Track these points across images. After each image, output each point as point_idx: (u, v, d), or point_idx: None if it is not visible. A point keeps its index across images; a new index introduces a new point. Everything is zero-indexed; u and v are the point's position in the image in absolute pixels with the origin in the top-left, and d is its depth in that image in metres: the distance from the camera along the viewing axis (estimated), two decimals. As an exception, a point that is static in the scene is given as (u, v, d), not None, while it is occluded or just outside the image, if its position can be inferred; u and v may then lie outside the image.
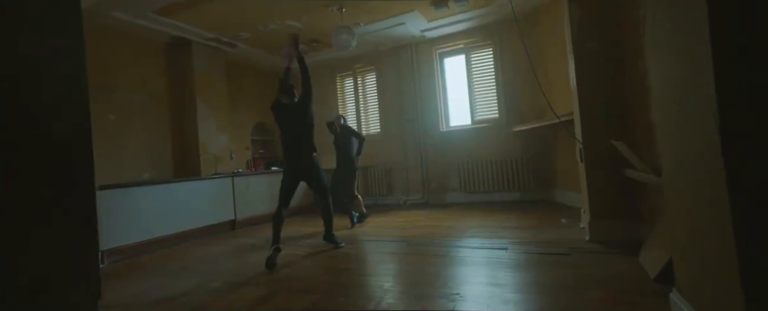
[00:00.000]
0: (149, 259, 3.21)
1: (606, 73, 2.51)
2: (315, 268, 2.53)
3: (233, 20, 4.22)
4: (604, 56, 2.52)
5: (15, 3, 0.92)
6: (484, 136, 5.13)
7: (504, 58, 5.02)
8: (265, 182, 5.04)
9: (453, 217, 4.09)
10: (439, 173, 5.42)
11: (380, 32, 4.94)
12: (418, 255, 2.66)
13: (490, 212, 4.20)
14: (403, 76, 5.63)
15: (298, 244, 3.34)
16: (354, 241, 3.28)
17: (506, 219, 3.67)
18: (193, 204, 4.01)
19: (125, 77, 4.09)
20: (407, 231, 3.51)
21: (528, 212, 3.96)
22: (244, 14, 4.09)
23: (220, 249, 3.42)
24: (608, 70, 2.51)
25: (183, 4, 3.57)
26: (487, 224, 3.51)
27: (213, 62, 4.91)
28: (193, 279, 2.47)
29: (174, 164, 4.57)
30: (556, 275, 1.99)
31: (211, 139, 4.80)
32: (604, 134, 2.51)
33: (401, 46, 5.57)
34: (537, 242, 2.72)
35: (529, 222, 3.45)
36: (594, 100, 2.55)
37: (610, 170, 2.48)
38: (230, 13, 4.00)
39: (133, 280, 2.64)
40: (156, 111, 4.41)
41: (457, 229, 3.43)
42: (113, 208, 3.23)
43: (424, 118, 5.53)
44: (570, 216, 3.47)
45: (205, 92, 4.76)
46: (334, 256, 2.82)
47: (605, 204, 2.52)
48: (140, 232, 3.46)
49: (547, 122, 3.58)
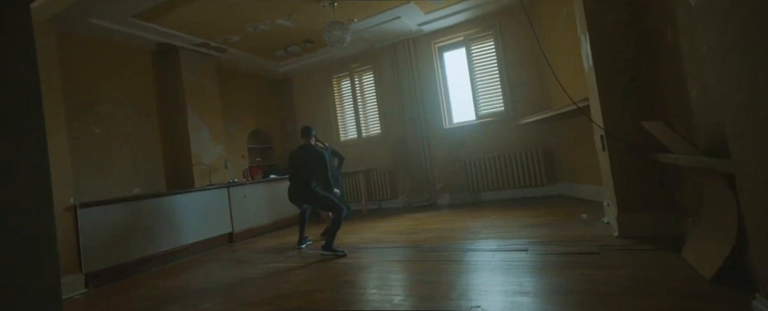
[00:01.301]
0: (138, 281, 2.98)
1: (627, 47, 2.26)
2: (316, 281, 2.28)
3: (220, 22, 4.03)
4: (623, 28, 2.27)
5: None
6: (490, 131, 4.88)
7: (506, 49, 4.79)
8: (263, 190, 4.81)
9: (463, 218, 3.83)
10: (444, 173, 5.17)
11: (375, 28, 4.73)
12: (430, 261, 2.40)
13: (502, 210, 3.94)
14: (401, 73, 5.41)
15: (297, 253, 3.09)
16: (357, 249, 3.03)
17: (521, 217, 3.41)
18: (187, 218, 3.78)
19: (110, 88, 3.89)
20: (415, 236, 3.26)
21: (543, 209, 3.69)
22: (230, 15, 3.89)
23: (215, 266, 3.18)
24: (629, 44, 2.26)
25: (164, 6, 3.37)
26: (500, 224, 3.24)
27: (203, 69, 4.71)
28: (179, 303, 2.23)
29: (166, 178, 4.36)
30: (590, 279, 1.73)
31: (204, 149, 4.58)
32: (628, 117, 2.25)
33: (398, 43, 5.36)
34: (559, 240, 2.45)
35: (546, 219, 3.18)
36: (615, 79, 2.30)
37: (639, 156, 2.22)
38: (215, 14, 3.80)
39: (114, 307, 2.40)
40: (145, 123, 4.21)
41: (469, 231, 3.17)
42: (97, 227, 3.01)
43: (426, 116, 5.29)
44: (590, 211, 3.20)
45: (195, 100, 4.55)
46: (335, 266, 2.57)
47: (635, 195, 2.25)
48: (129, 251, 3.23)
49: (558, 111, 3.32)
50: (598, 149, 2.69)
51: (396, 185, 5.49)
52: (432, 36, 5.24)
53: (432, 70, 5.29)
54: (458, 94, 5.38)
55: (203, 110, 4.64)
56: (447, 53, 5.39)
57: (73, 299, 2.67)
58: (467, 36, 5.05)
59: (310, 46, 5.18)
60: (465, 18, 4.87)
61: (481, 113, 5.03)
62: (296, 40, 4.90)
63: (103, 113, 3.79)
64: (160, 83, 4.41)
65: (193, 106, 4.51)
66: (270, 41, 4.78)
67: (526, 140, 4.64)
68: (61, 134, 2.84)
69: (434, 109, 5.26)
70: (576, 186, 4.09)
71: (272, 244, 3.80)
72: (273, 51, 5.19)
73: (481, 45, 5.03)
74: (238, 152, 5.35)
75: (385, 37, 5.13)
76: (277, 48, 5.10)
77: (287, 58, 5.67)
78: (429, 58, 5.30)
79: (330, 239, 2.95)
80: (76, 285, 2.80)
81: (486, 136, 4.90)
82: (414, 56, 5.35)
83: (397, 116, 5.45)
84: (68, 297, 2.69)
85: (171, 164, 4.41)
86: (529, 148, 4.56)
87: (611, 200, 2.48)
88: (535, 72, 4.60)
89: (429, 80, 5.29)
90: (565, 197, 4.22)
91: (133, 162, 4.04)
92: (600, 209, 3.06)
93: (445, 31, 5.14)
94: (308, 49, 5.36)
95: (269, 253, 3.38)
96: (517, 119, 4.64)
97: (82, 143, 3.59)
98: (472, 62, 5.07)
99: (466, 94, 5.20)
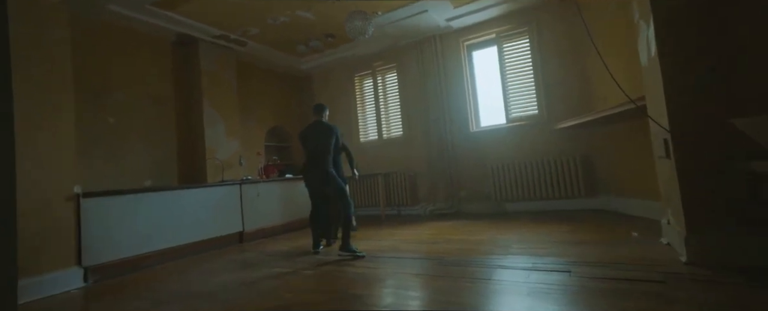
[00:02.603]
0: (139, 278, 2.81)
1: (700, 33, 1.87)
2: (322, 292, 2.00)
3: (239, 13, 3.89)
4: (696, 10, 1.88)
5: None
6: (521, 136, 4.48)
7: (543, 46, 4.40)
8: (277, 190, 4.61)
9: (489, 229, 3.45)
10: (469, 179, 4.80)
11: (401, 23, 4.47)
12: (452, 278, 2.07)
13: (534, 223, 3.53)
14: (427, 73, 5.11)
15: (310, 258, 2.83)
16: (373, 258, 2.73)
17: (557, 232, 3.00)
18: (196, 214, 3.62)
19: (126, 78, 3.83)
20: (437, 247, 2.93)
21: (582, 224, 3.26)
22: (250, 5, 3.74)
23: (220, 267, 2.97)
24: (702, 29, 1.86)
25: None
26: (534, 239, 2.85)
27: (222, 62, 4.61)
28: (171, 307, 2.01)
29: (179, 171, 4.25)
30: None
31: (219, 144, 4.46)
32: (703, 116, 1.85)
33: (424, 40, 5.08)
34: (609, 262, 2.06)
35: (588, 236, 2.76)
36: (686, 70, 1.90)
37: (718, 163, 1.81)
38: (235, 3, 3.67)
39: (109, 305, 2.22)
40: (160, 115, 4.13)
41: (497, 244, 2.80)
42: (101, 218, 2.87)
43: (452, 118, 4.96)
44: (641, 229, 2.76)
45: (213, 93, 4.44)
46: (346, 276, 2.28)
47: (712, 213, 1.84)
48: (133, 246, 3.08)
49: (605, 113, 2.91)
50: (658, 157, 2.28)
51: (417, 191, 5.17)
52: (461, 33, 4.92)
53: (460, 69, 4.96)
54: (487, 95, 5.02)
55: (220, 103, 4.53)
56: (476, 52, 5.05)
57: (68, 294, 2.53)
58: (499, 33, 4.70)
59: (332, 41, 4.98)
60: (498, 13, 4.53)
61: (512, 116, 4.64)
62: (317, 34, 4.73)
63: (118, 103, 3.72)
64: (178, 75, 4.34)
65: (210, 99, 4.40)
66: (290, 35, 4.63)
67: (561, 147, 4.21)
68: (68, 121, 2.73)
69: (461, 111, 4.92)
70: (621, 200, 3.62)
71: (283, 247, 3.57)
72: (294, 46, 5.04)
73: (515, 43, 4.66)
74: (253, 149, 5.22)
75: (411, 33, 4.86)
76: (297, 42, 4.94)
77: (308, 54, 5.51)
78: (457, 57, 4.98)
79: (346, 238, 2.79)
80: (74, 279, 2.66)
81: (517, 141, 4.50)
82: (441, 55, 5.05)
83: (420, 118, 5.15)
84: (63, 292, 2.55)
85: (185, 158, 4.30)
86: (565, 155, 4.12)
87: (676, 218, 2.06)
88: (574, 72, 4.19)
89: (456, 80, 4.97)
90: (607, 212, 3.75)
91: (147, 154, 3.95)
92: (654, 228, 2.62)
93: (475, 27, 4.81)
94: (330, 45, 5.18)
95: (278, 257, 3.14)
96: (552, 123, 4.23)
97: (95, 131, 3.52)
98: (504, 61, 4.70)
99: (496, 95, 4.84)
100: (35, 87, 2.56)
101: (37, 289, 2.43)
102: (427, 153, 5.07)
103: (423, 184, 5.12)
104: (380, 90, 5.65)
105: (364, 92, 5.85)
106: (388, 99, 5.61)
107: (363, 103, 5.84)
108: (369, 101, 5.77)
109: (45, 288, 2.47)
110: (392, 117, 5.55)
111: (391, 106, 5.57)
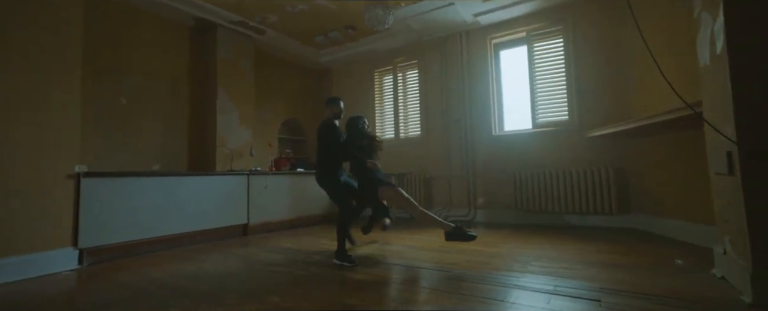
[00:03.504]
0: (134, 264, 2.71)
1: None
2: (312, 298, 1.80)
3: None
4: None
5: None
6: (548, 142, 4.13)
7: (578, 47, 4.04)
8: (287, 183, 4.48)
9: (507, 242, 3.15)
10: (489, 186, 4.49)
11: (424, 16, 4.23)
12: (461, 295, 1.82)
13: (558, 239, 3.20)
14: (450, 71, 4.84)
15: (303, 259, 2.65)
16: (376, 263, 2.51)
17: (584, 252, 2.67)
18: (200, 203, 3.53)
19: (142, 60, 3.78)
20: (448, 257, 2.67)
21: (614, 244, 2.91)
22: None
23: (214, 260, 2.83)
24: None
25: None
26: (557, 257, 2.54)
27: (239, 49, 4.52)
28: (157, 298, 1.86)
29: (189, 158, 4.18)
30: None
31: (231, 132, 4.36)
32: (783, 127, 1.52)
33: (449, 36, 4.81)
34: (648, 293, 1.74)
35: (621, 259, 2.43)
36: (763, 71, 1.57)
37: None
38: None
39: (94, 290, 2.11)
40: (174, 99, 4.07)
41: (515, 260, 2.51)
42: (101, 200, 2.80)
43: (474, 120, 4.67)
44: (687, 256, 2.40)
45: (228, 80, 4.36)
46: (345, 282, 2.07)
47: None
48: (133, 230, 3.00)
49: (648, 121, 2.55)
50: (715, 173, 1.93)
51: (431, 195, 4.90)
52: (488, 30, 4.62)
53: (485, 69, 4.66)
54: (513, 98, 4.70)
55: (235, 92, 4.44)
56: (504, 51, 4.74)
57: (60, 275, 2.45)
58: (531, 32, 4.37)
59: (352, 33, 4.80)
60: (530, 10, 4.20)
61: (539, 121, 4.30)
62: (337, 25, 4.56)
63: (132, 84, 3.67)
64: (195, 61, 4.27)
65: (225, 87, 4.32)
66: (310, 24, 4.49)
67: (592, 157, 3.84)
68: (74, 100, 2.67)
69: (483, 113, 4.62)
70: (659, 220, 3.23)
71: (286, 244, 3.41)
72: (313, 36, 4.90)
73: (547, 43, 4.32)
74: (266, 140, 5.11)
75: (435, 27, 4.61)
76: (317, 33, 4.80)
77: (328, 46, 5.36)
78: (483, 56, 4.68)
79: (338, 244, 2.58)
80: (68, 260, 2.59)
81: (543, 148, 4.16)
82: (466, 52, 4.76)
83: (440, 118, 4.88)
84: (55, 272, 2.47)
85: (195, 145, 4.23)
86: (596, 166, 3.75)
87: (737, 248, 1.72)
88: (610, 77, 3.81)
89: (481, 80, 4.67)
90: (643, 233, 3.35)
91: (157, 138, 3.89)
92: (704, 257, 2.27)
93: (504, 24, 4.50)
94: (350, 38, 5.00)
95: (278, 253, 2.98)
96: (583, 131, 3.87)
97: (107, 111, 3.48)
98: (534, 62, 4.37)
99: (523, 98, 4.50)
100: (42, 64, 2.51)
101: (29, 268, 2.36)
102: (445, 155, 4.80)
103: (439, 188, 4.85)
104: (400, 87, 5.42)
105: (384, 89, 5.64)
106: (407, 97, 5.38)
107: (381, 100, 5.63)
108: (388, 98, 5.55)
109: (37, 268, 2.40)
110: (411, 116, 5.32)
111: (410, 104, 5.33)
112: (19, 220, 2.35)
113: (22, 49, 2.42)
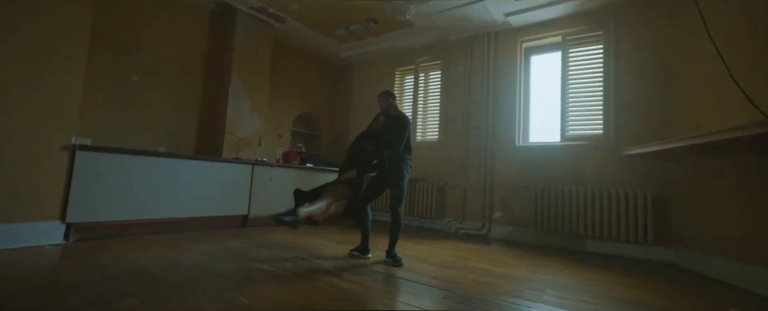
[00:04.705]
0: (121, 245, 2.58)
1: None
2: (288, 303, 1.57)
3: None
4: None
5: None
6: (578, 158, 3.75)
7: (620, 55, 3.65)
8: (293, 177, 4.31)
9: (521, 263, 2.81)
10: (507, 200, 4.13)
11: (451, 12, 3.97)
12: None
13: (581, 266, 2.82)
14: (474, 74, 4.55)
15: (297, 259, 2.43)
16: (370, 271, 2.25)
17: (611, 285, 2.30)
18: (201, 189, 3.41)
19: (158, 39, 3.73)
20: (451, 273, 2.38)
21: (647, 279, 2.51)
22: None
23: (200, 250, 2.67)
24: None
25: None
26: (577, 287, 2.19)
27: (258, 36, 4.43)
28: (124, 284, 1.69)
29: (197, 143, 4.10)
30: None
31: (241, 120, 4.25)
32: None
33: (476, 37, 4.53)
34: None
35: (657, 299, 2.05)
36: None
37: None
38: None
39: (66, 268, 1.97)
40: (186, 82, 4.00)
41: (527, 285, 2.19)
42: (95, 175, 2.71)
43: (496, 128, 4.34)
44: (745, 306, 1.98)
45: (242, 66, 4.26)
46: (324, 288, 1.83)
47: None
48: (125, 210, 2.90)
49: (706, 139, 2.15)
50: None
51: (444, 204, 4.60)
52: (520, 32, 4.30)
53: (513, 74, 4.33)
54: (541, 107, 4.34)
55: (249, 79, 4.33)
56: (535, 57, 4.40)
57: (43, 248, 2.35)
58: (567, 36, 4.01)
59: (374, 27, 4.61)
60: (569, 11, 3.86)
61: (569, 133, 3.91)
62: (359, 17, 4.39)
63: (145, 62, 3.62)
64: (212, 44, 4.20)
65: (239, 73, 4.22)
66: (331, 15, 4.34)
67: (628, 178, 3.42)
68: (77, 72, 2.59)
69: (508, 121, 4.28)
70: (707, 259, 2.75)
71: (284, 240, 3.22)
72: (334, 29, 4.75)
73: (585, 49, 3.95)
74: (277, 131, 4.99)
75: (462, 26, 4.34)
76: (338, 25, 4.64)
77: (349, 41, 5.20)
78: (511, 60, 4.36)
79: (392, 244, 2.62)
80: (54, 234, 2.49)
81: (571, 163, 3.77)
82: (493, 55, 4.46)
83: (460, 123, 4.59)
84: (38, 245, 2.38)
85: (204, 130, 4.14)
86: (632, 189, 3.34)
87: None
88: (656, 89, 3.40)
89: (507, 86, 4.34)
90: (686, 271, 2.89)
91: (167, 119, 3.83)
92: (763, 307, 1.86)
93: (538, 27, 4.17)
94: (372, 32, 4.81)
95: (271, 249, 2.78)
96: (619, 148, 3.46)
97: (117, 88, 3.44)
98: (568, 69, 4.00)
99: (553, 109, 4.13)
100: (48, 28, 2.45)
101: (11, 238, 2.28)
102: (462, 163, 4.49)
103: (453, 197, 4.53)
104: (421, 88, 5.17)
105: (404, 88, 5.40)
106: (428, 99, 5.12)
107: (401, 100, 5.39)
108: (407, 99, 5.31)
109: (20, 238, 2.31)
110: (430, 119, 5.04)
111: (430, 107, 5.07)
112: (7, 188, 2.27)
113: (31, 6, 2.37)
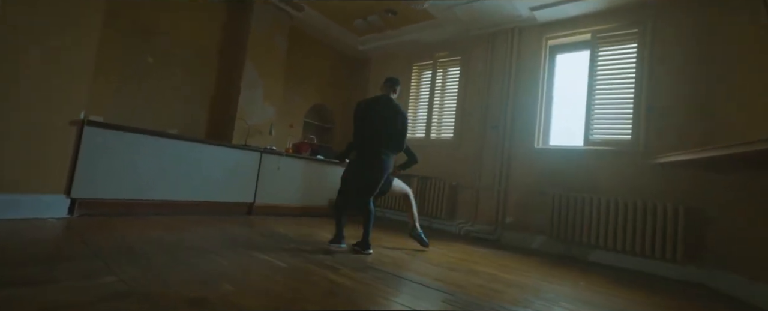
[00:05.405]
0: (123, 224, 2.56)
1: None
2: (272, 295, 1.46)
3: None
4: None
5: None
6: (602, 164, 3.50)
7: (655, 54, 3.38)
8: (302, 168, 4.25)
9: (531, 271, 2.62)
10: (522, 204, 3.92)
11: (474, 5, 3.79)
12: (454, 329, 1.38)
13: (600, 279, 2.60)
14: (495, 72, 4.36)
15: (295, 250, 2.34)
16: (366, 267, 2.13)
17: (632, 302, 2.09)
18: (208, 173, 3.38)
19: (175, 22, 3.74)
20: (455, 276, 2.22)
21: (674, 299, 2.27)
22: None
23: (201, 234, 2.62)
24: None
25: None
26: (594, 303, 1.99)
27: (275, 24, 4.39)
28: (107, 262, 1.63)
29: (208, 127, 4.09)
30: None
31: (253, 107, 4.22)
32: None
33: (499, 32, 4.33)
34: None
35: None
36: None
37: None
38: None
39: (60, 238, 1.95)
40: (201, 67, 4.00)
41: (537, 295, 2.01)
42: (103, 151, 2.71)
43: (515, 129, 4.13)
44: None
45: (258, 54, 4.23)
46: (317, 281, 1.72)
47: None
48: (131, 189, 2.90)
49: (754, 148, 1.90)
50: None
51: (455, 204, 4.42)
52: (546, 29, 4.07)
53: (536, 73, 4.11)
54: (564, 109, 4.10)
55: (264, 67, 4.30)
56: (561, 55, 4.16)
57: (45, 221, 2.36)
58: (597, 33, 3.76)
59: (393, 18, 4.49)
60: (601, 6, 3.61)
61: (594, 138, 3.66)
62: (377, 8, 4.27)
63: (160, 45, 3.63)
64: (228, 29, 4.19)
65: (254, 60, 4.19)
66: (349, 4, 4.24)
67: (658, 188, 3.16)
68: (90, 49, 2.59)
69: (528, 122, 4.07)
70: (745, 282, 2.46)
71: (284, 230, 3.14)
72: (352, 19, 4.66)
73: (616, 48, 3.69)
74: (289, 121, 4.94)
75: (484, 20, 4.15)
76: (356, 16, 4.54)
77: (367, 33, 5.09)
78: (535, 59, 4.14)
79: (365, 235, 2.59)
80: (58, 208, 2.50)
81: (594, 170, 3.53)
82: (516, 52, 4.25)
83: (477, 122, 4.40)
84: (42, 218, 2.39)
85: (216, 116, 4.14)
86: (661, 200, 3.07)
87: None
88: (695, 92, 3.12)
89: (529, 85, 4.12)
90: (715, 292, 2.62)
91: (179, 103, 3.84)
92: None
93: (566, 23, 3.93)
94: (391, 24, 4.69)
95: (270, 238, 2.71)
96: (649, 156, 3.20)
97: (131, 67, 3.45)
98: (596, 70, 3.75)
99: (577, 111, 3.89)
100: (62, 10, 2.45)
101: (15, 208, 2.28)
102: (476, 164, 4.30)
103: (465, 198, 4.35)
104: (438, 84, 5.00)
105: (421, 84, 5.25)
106: (445, 96, 4.95)
107: (417, 96, 5.25)
108: (424, 95, 5.16)
109: (23, 210, 2.32)
110: (445, 116, 4.87)
111: (447, 104, 4.89)
112: (14, 158, 2.28)
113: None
